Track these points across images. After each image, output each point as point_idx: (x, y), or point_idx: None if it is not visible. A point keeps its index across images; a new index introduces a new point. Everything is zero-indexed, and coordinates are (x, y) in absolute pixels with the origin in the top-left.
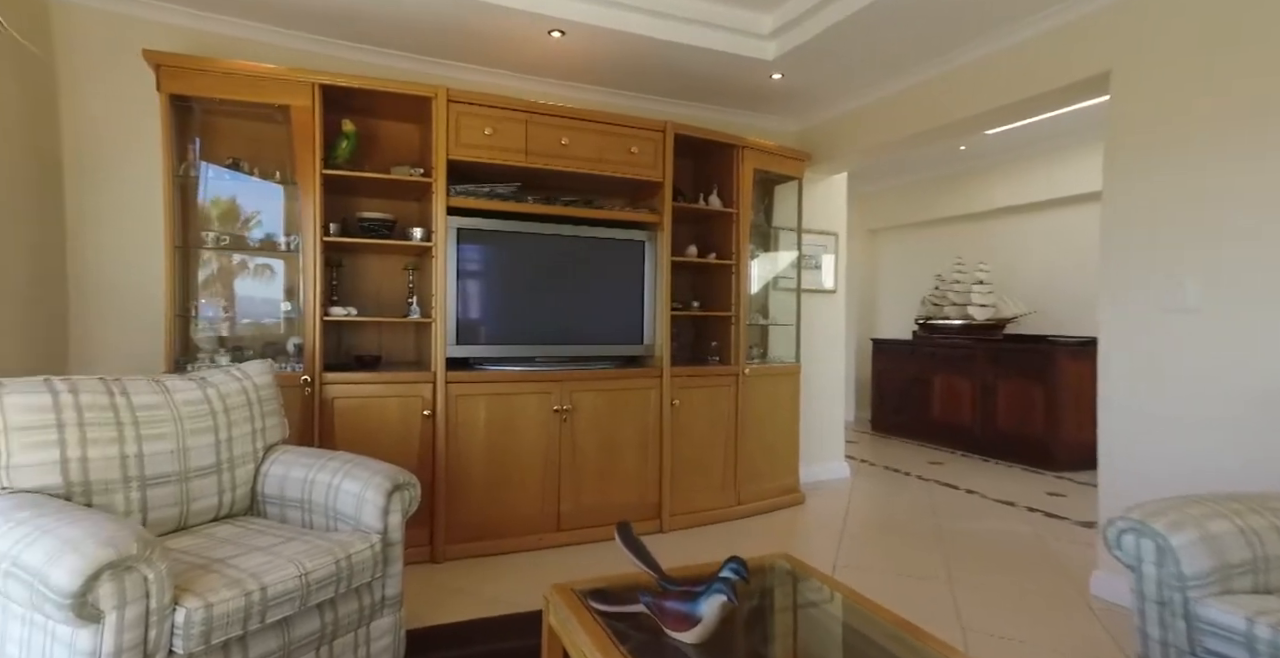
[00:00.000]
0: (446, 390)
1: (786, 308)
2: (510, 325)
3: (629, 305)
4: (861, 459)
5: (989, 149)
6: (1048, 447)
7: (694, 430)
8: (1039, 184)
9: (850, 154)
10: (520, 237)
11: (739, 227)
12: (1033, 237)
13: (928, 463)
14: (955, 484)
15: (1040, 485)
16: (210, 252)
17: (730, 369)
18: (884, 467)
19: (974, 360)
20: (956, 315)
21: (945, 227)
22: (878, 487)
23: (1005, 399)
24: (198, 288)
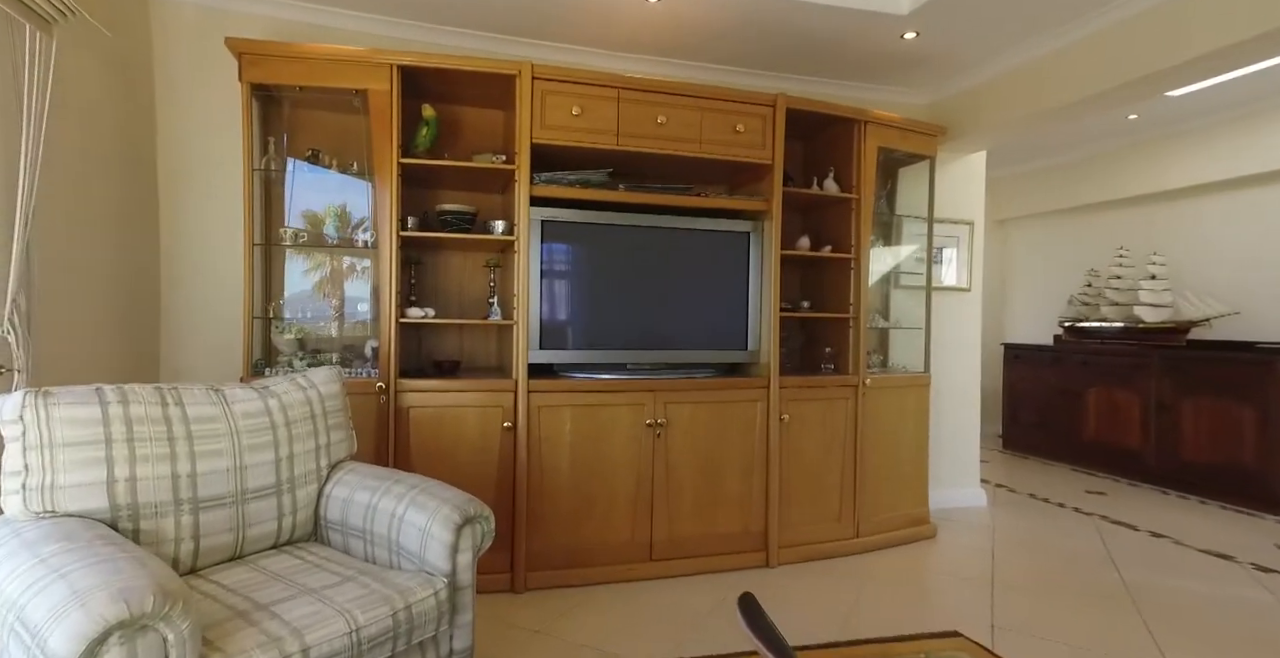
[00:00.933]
0: (528, 400)
1: (909, 308)
2: (598, 328)
3: (730, 306)
4: (998, 484)
5: (1165, 117)
6: (1266, 482)
7: (805, 450)
8: (1233, 157)
9: (993, 128)
10: (609, 229)
11: (859, 214)
12: (1220, 222)
13: (1084, 492)
14: (1132, 524)
15: (1266, 534)
16: (289, 250)
17: (848, 380)
18: (1028, 495)
19: (1144, 371)
20: (1117, 317)
21: (1097, 214)
22: (1025, 520)
23: (1194, 419)
24: (280, 288)
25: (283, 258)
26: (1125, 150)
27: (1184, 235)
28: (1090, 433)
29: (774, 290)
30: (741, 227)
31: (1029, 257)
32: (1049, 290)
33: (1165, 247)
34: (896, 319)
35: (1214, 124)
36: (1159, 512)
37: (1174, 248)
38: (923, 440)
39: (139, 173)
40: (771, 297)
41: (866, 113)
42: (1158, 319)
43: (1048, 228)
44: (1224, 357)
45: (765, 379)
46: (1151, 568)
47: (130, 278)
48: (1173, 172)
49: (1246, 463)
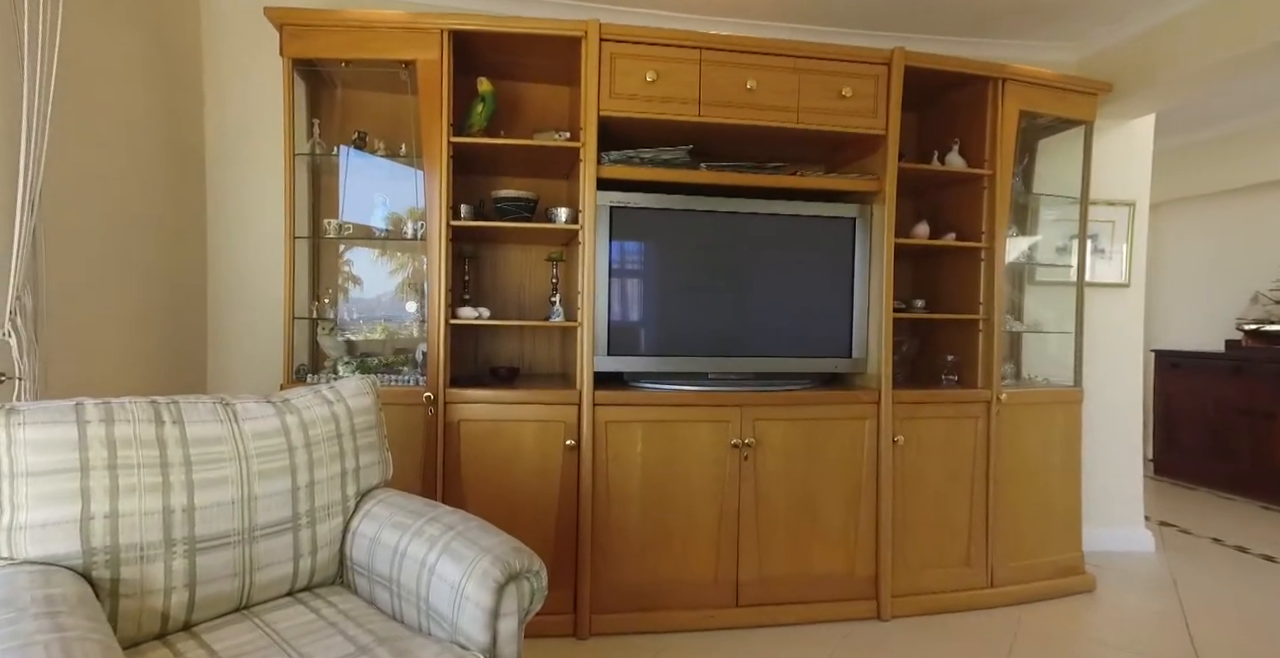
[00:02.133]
0: (594, 415)
1: (1044, 309)
2: (675, 331)
3: (830, 305)
4: (1162, 521)
5: None
6: None
7: (925, 479)
8: None
9: (1178, 81)
10: (688, 215)
11: (994, 194)
12: None
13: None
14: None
15: None
16: (334, 242)
17: (977, 394)
18: (1210, 539)
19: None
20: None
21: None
22: (1220, 577)
23: None
24: (328, 286)
25: (334, 253)
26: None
27: None
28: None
29: (886, 287)
30: (845, 211)
31: (1186, 247)
32: (1216, 286)
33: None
34: (1033, 321)
35: None
36: None
37: None
38: (1074, 470)
39: (185, 158)
40: (882, 294)
41: (1006, 68)
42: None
43: (1213, 211)
44: None
45: (874, 392)
46: None
47: (173, 273)
48: None
49: None
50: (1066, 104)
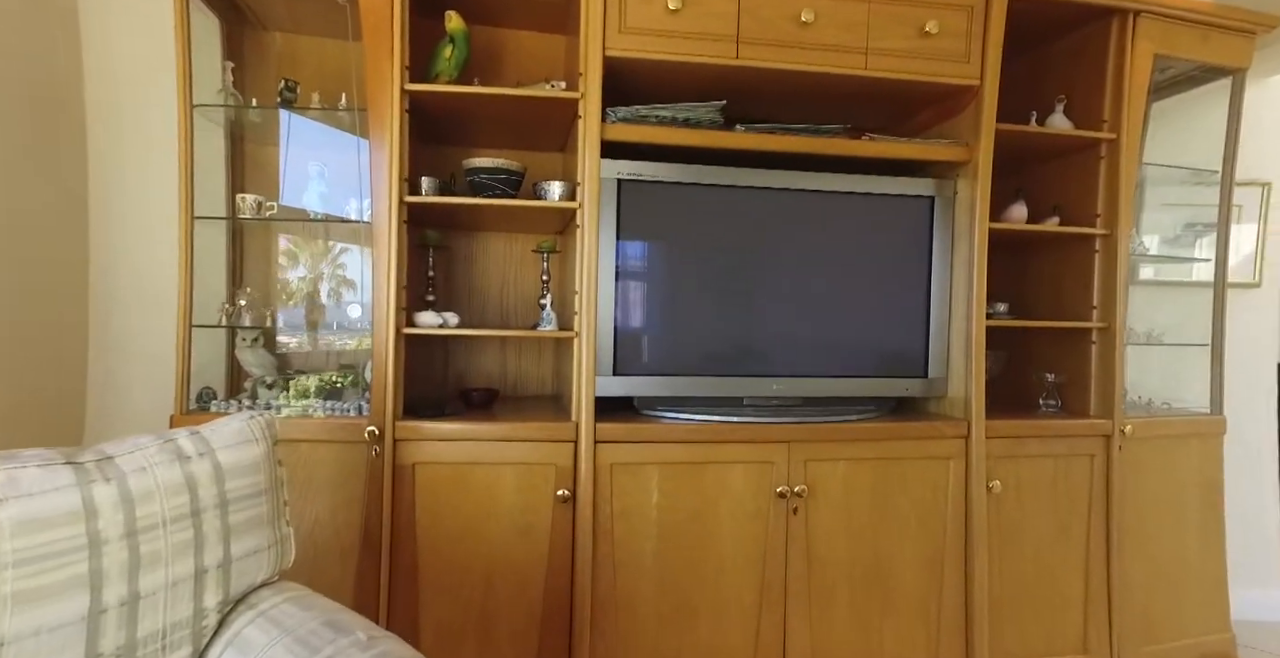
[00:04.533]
0: (595, 454)
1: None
2: (702, 343)
3: (902, 310)
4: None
5: None
6: None
7: (1026, 536)
8: None
9: None
10: (720, 193)
11: (1117, 165)
12: None
13: None
14: None
15: None
16: (258, 226)
17: (1093, 426)
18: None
19: None
20: None
21: None
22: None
23: None
24: (250, 284)
25: (261, 240)
26: None
27: None
28: None
29: (978, 285)
30: (922, 188)
31: None
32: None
33: None
34: (1146, 330)
35: None
36: None
37: None
38: (1216, 522)
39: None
40: (971, 295)
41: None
42: None
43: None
44: None
45: (962, 424)
46: None
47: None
48: None
49: None
50: (1211, 47)
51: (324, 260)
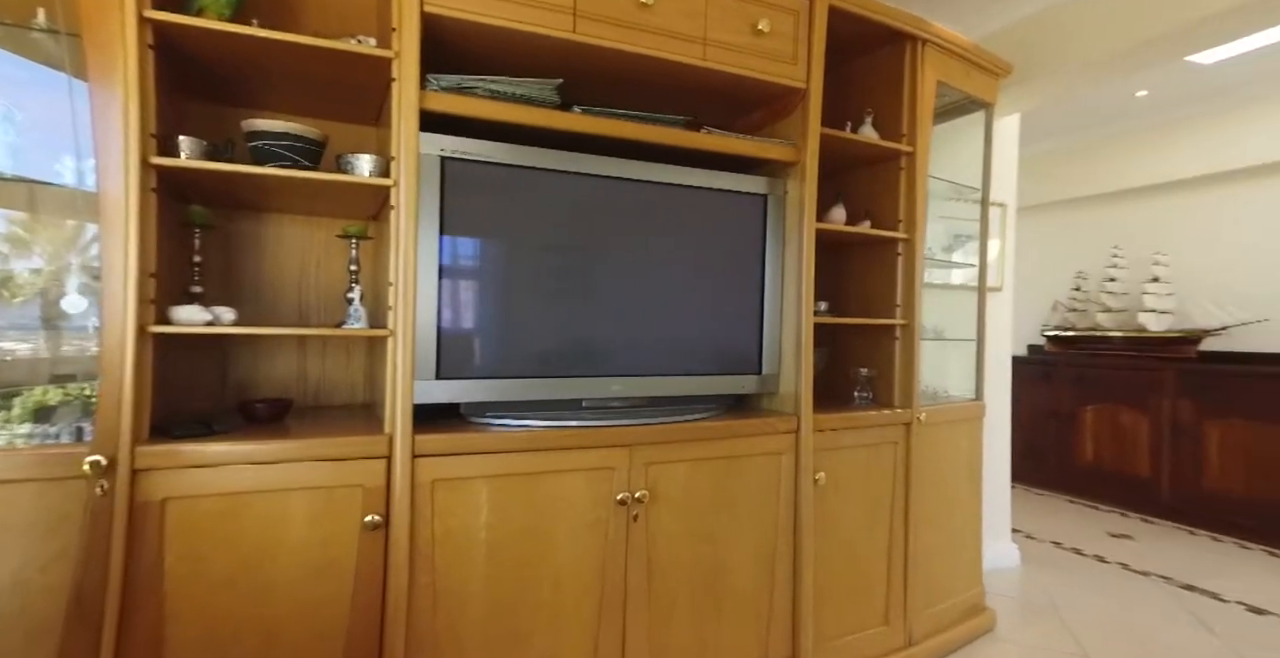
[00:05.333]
0: (413, 471)
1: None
2: (538, 342)
3: (737, 307)
4: (1014, 529)
5: (1178, 96)
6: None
7: (842, 524)
8: (1254, 142)
9: (1075, 71)
10: (557, 179)
11: (914, 175)
12: (1237, 216)
13: (1107, 535)
14: (1212, 591)
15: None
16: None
17: (897, 416)
18: (1052, 543)
19: (1156, 388)
20: (1113, 325)
21: (1089, 207)
22: (1079, 589)
23: (1220, 445)
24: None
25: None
26: (1124, 136)
27: (1193, 232)
28: (1088, 459)
29: (806, 283)
30: (755, 186)
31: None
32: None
33: (1170, 245)
34: (934, 327)
35: (1231, 106)
36: (1212, 564)
37: (1180, 247)
38: (977, 494)
39: None
40: (801, 293)
41: (929, 27)
42: (1163, 328)
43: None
44: (1263, 372)
45: (793, 419)
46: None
47: None
48: (1183, 159)
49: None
50: (972, 81)
51: (70, 250)
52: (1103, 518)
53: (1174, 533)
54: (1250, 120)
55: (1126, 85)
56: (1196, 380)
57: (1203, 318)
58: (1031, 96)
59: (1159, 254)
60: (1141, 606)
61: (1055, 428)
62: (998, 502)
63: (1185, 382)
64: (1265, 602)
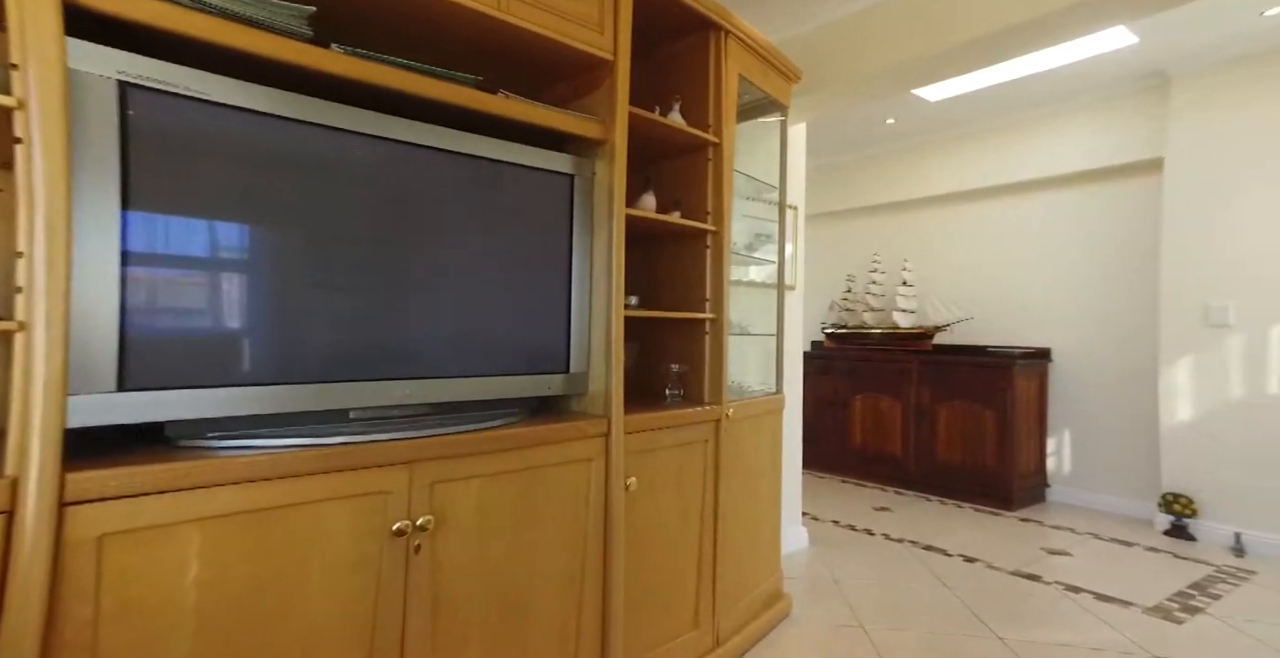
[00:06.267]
0: (59, 525)
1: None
2: (285, 341)
3: (541, 300)
4: (803, 512)
5: (919, 126)
6: (1004, 482)
7: (656, 529)
8: (979, 168)
9: (842, 84)
10: (311, 134)
11: (720, 167)
12: (958, 231)
13: (873, 510)
14: (942, 548)
15: (1020, 537)
16: None
17: (708, 412)
18: (832, 522)
19: (906, 378)
20: (877, 323)
21: (856, 218)
22: (855, 563)
23: (947, 424)
24: None
25: None
26: (883, 158)
27: (931, 242)
28: (857, 442)
29: (616, 274)
30: (562, 164)
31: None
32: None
33: (915, 253)
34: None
35: (969, 134)
36: (943, 525)
37: (923, 254)
38: (776, 485)
39: None
40: (611, 285)
41: (731, 18)
42: (909, 324)
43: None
44: (969, 362)
45: (603, 421)
46: (1004, 613)
47: None
48: (926, 180)
49: (988, 464)
50: (771, 82)
51: None
52: (869, 494)
53: (919, 502)
54: (975, 150)
55: (880, 111)
56: (932, 370)
57: (935, 316)
58: (813, 108)
59: (906, 261)
60: (898, 570)
61: (832, 416)
62: (791, 489)
63: (925, 371)
64: (974, 552)
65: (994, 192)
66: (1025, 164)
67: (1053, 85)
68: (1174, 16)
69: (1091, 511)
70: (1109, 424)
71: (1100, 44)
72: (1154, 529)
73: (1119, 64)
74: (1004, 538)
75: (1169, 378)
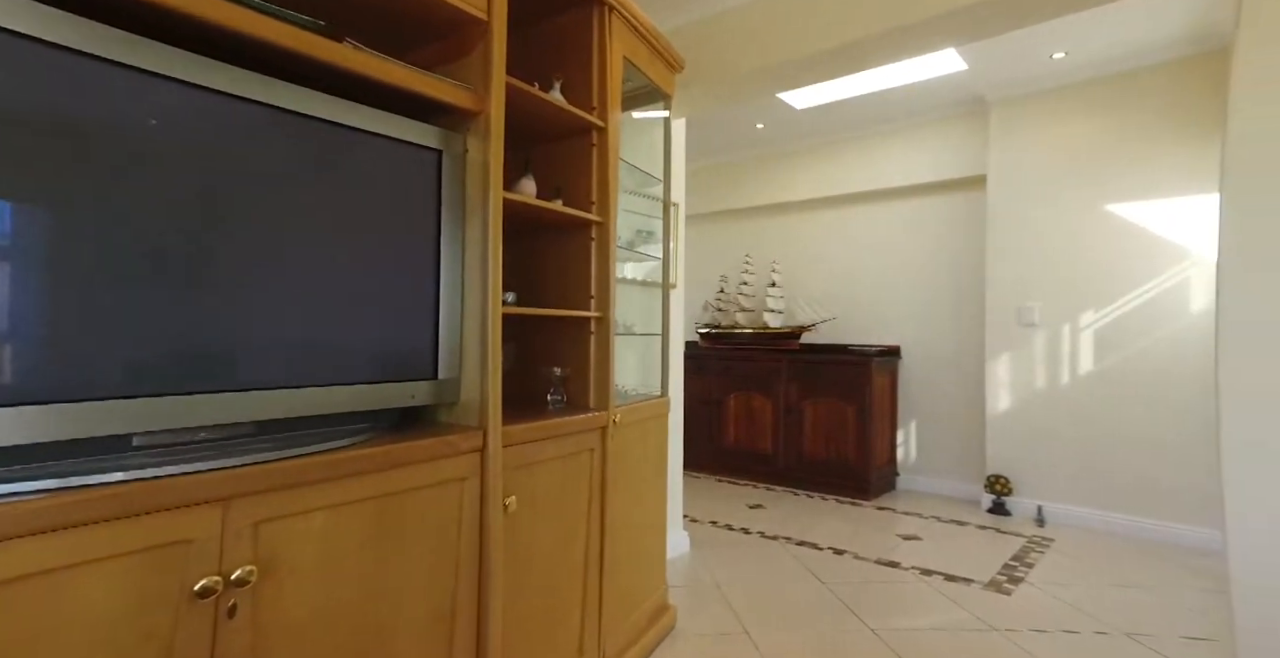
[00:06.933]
0: None
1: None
2: (43, 345)
3: (405, 293)
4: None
5: (786, 133)
6: (863, 474)
7: (538, 551)
8: (840, 176)
9: (714, 81)
10: (89, 73)
11: (606, 153)
12: (820, 235)
13: (747, 508)
14: (813, 542)
15: (879, 525)
16: None
17: (594, 420)
18: (710, 523)
19: (777, 376)
20: (748, 323)
21: (729, 219)
22: (735, 565)
23: (813, 419)
24: None
25: None
26: (755, 162)
27: (798, 245)
28: (731, 441)
29: (494, 266)
30: (427, 137)
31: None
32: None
33: (782, 256)
34: (623, 322)
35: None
36: (812, 519)
37: (791, 256)
38: (662, 492)
39: None
40: (487, 279)
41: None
42: (778, 324)
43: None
44: (832, 360)
45: (478, 433)
46: (875, 606)
47: None
48: (795, 185)
49: (850, 457)
50: (656, 69)
51: None
52: (743, 492)
53: (788, 497)
54: (837, 159)
55: (750, 115)
56: (800, 368)
57: (802, 316)
58: (689, 103)
59: (775, 262)
60: (776, 568)
61: (707, 416)
62: (674, 493)
63: (793, 369)
64: (842, 544)
65: (854, 198)
66: (881, 174)
67: (905, 101)
68: (991, 51)
69: (934, 495)
70: (946, 415)
71: (938, 67)
72: (981, 508)
73: (953, 87)
74: (865, 527)
75: (992, 372)
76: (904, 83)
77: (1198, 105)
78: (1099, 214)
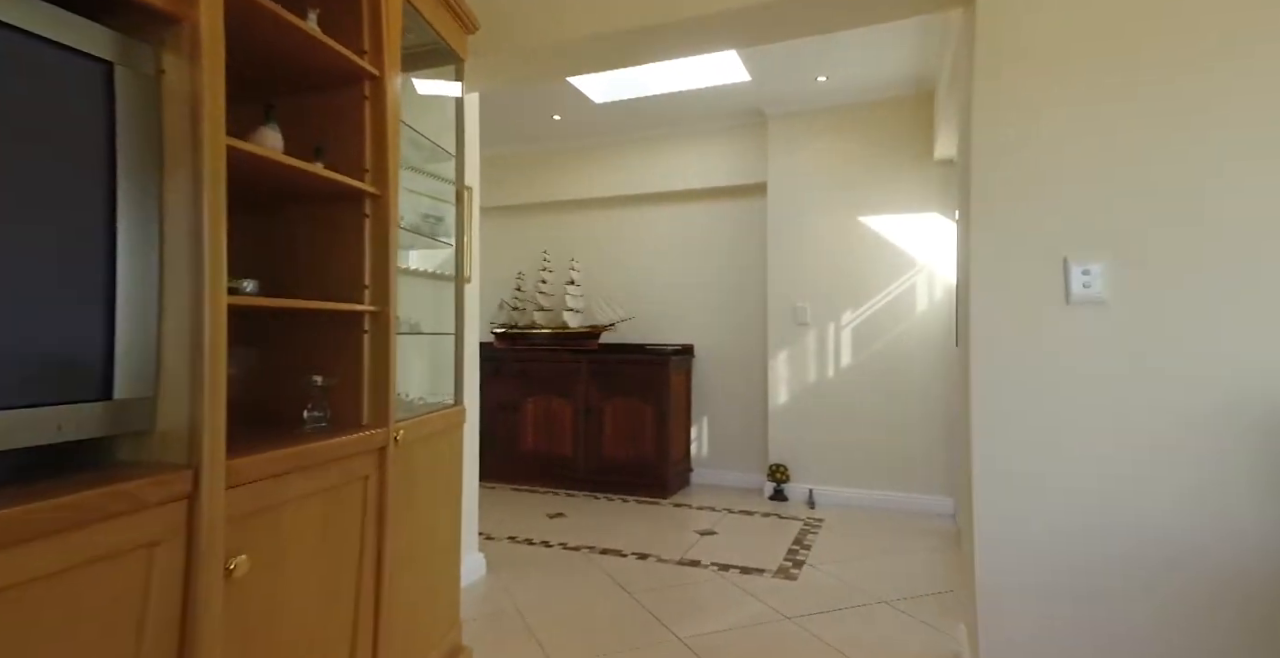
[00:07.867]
0: None
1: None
2: None
3: (51, 274)
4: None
5: (584, 129)
6: (661, 472)
7: (288, 624)
8: (637, 175)
9: (505, 54)
10: None
11: (383, 111)
12: (620, 233)
13: (547, 517)
14: (617, 549)
15: (678, 523)
16: None
17: (369, 440)
18: (508, 539)
19: (575, 377)
20: (547, 322)
21: (527, 214)
22: (537, 587)
23: (613, 420)
24: None
25: None
26: (553, 154)
27: (598, 243)
28: (529, 446)
29: (213, 242)
30: (88, 39)
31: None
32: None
33: (581, 253)
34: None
35: (618, 142)
36: (614, 523)
37: (590, 254)
38: (456, 515)
39: None
40: (204, 257)
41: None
42: (578, 324)
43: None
44: (631, 360)
45: (186, 474)
46: (680, 613)
47: None
48: (594, 181)
49: (648, 456)
50: (444, 22)
51: None
52: (542, 500)
53: (589, 502)
54: (635, 157)
55: (547, 104)
56: (599, 368)
57: (601, 316)
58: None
59: (574, 260)
60: (580, 582)
61: (504, 421)
62: (468, 512)
63: (593, 370)
64: (644, 547)
65: (651, 199)
66: (675, 176)
67: (698, 106)
68: (769, 67)
69: (725, 487)
70: (735, 410)
71: (726, 75)
72: (764, 496)
73: (739, 97)
74: (665, 527)
75: (773, 367)
76: (696, 87)
77: (922, 136)
78: (855, 224)
